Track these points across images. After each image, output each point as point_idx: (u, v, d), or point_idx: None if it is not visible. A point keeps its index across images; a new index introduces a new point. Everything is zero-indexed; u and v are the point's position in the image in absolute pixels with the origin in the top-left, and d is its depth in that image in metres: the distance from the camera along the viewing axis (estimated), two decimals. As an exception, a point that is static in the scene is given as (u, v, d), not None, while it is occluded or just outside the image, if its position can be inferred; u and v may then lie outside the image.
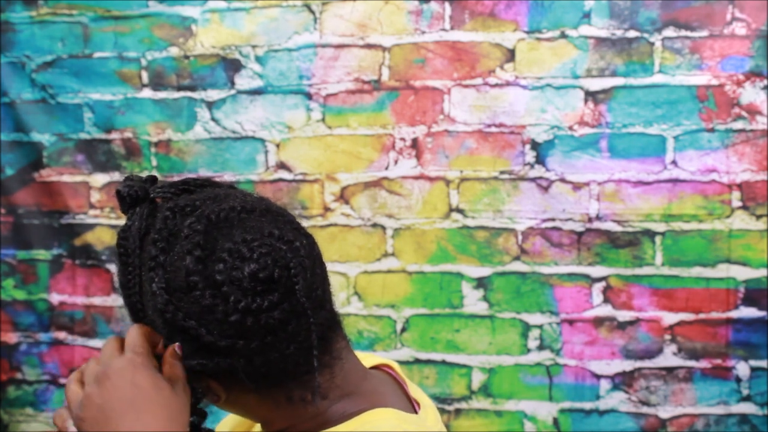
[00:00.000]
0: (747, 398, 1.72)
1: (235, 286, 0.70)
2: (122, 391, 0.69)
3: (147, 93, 1.85)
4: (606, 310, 1.75)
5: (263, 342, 0.71)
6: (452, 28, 1.74)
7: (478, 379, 1.80)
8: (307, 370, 0.74)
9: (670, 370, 1.74)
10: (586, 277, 1.75)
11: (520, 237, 1.76)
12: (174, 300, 0.70)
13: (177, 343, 0.71)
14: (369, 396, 0.79)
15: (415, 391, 0.88)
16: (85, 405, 0.70)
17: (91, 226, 1.90)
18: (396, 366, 0.90)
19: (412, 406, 0.85)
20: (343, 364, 0.79)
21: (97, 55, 1.86)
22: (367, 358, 0.88)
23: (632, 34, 1.69)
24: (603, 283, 1.74)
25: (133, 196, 0.76)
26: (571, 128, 1.73)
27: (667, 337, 1.73)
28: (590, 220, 1.73)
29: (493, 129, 1.75)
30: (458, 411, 1.81)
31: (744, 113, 1.68)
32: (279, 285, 0.71)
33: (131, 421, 0.67)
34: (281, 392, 0.76)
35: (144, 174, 0.80)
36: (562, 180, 1.74)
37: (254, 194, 0.79)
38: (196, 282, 0.70)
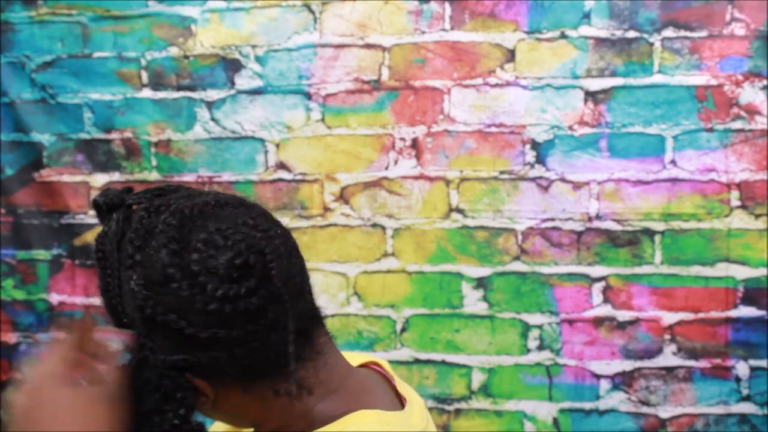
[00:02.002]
0: (747, 398, 1.72)
1: (211, 275, 0.70)
2: (41, 407, 0.69)
3: (147, 93, 1.85)
4: (606, 310, 1.75)
5: (244, 330, 0.71)
6: (452, 28, 1.74)
7: (478, 379, 1.80)
8: (289, 361, 0.75)
9: (669, 369, 1.74)
10: (586, 276, 1.75)
11: (520, 237, 1.76)
12: (153, 294, 0.71)
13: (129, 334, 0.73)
14: (354, 393, 0.80)
15: (402, 387, 0.88)
16: (16, 422, 0.71)
17: (90, 226, 1.90)
18: (385, 363, 0.91)
19: (400, 401, 0.85)
20: (327, 359, 0.79)
21: (96, 55, 1.86)
22: (355, 357, 0.89)
23: (632, 34, 1.70)
24: (603, 283, 1.75)
25: (109, 204, 0.77)
26: (571, 128, 1.73)
27: (667, 336, 1.74)
28: (590, 219, 1.74)
29: (493, 129, 1.75)
30: (458, 411, 1.81)
31: (743, 113, 1.68)
32: (255, 270, 0.71)
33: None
34: (267, 386, 0.76)
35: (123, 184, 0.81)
36: (562, 180, 1.74)
37: (230, 194, 0.80)
38: (173, 274, 0.70)
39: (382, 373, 0.89)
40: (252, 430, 0.84)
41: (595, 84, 1.71)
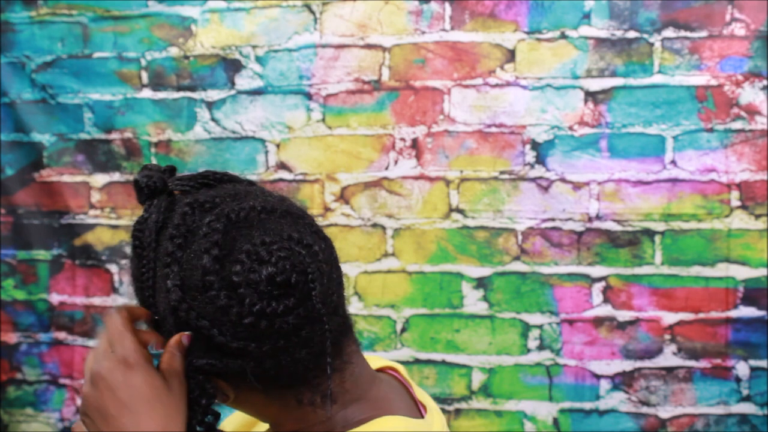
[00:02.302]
0: (747, 398, 1.72)
1: (251, 289, 0.68)
2: (117, 392, 0.68)
3: (147, 93, 1.85)
4: (606, 310, 1.75)
5: (275, 346, 0.70)
6: (452, 29, 1.74)
7: (478, 379, 1.80)
8: (317, 374, 0.74)
9: (669, 370, 1.74)
10: (586, 277, 1.75)
11: (520, 237, 1.76)
12: (188, 298, 0.69)
13: (186, 333, 0.70)
14: (377, 402, 0.79)
15: (420, 394, 0.88)
16: (86, 405, 0.69)
17: (91, 227, 1.90)
18: (402, 369, 0.89)
19: (418, 409, 0.85)
20: (353, 369, 0.78)
21: (96, 55, 1.86)
22: (374, 360, 0.87)
23: (632, 34, 1.70)
24: (603, 283, 1.75)
25: (151, 187, 0.74)
26: (571, 128, 1.73)
27: (667, 336, 1.74)
28: (590, 219, 1.74)
29: (493, 129, 1.75)
30: (458, 411, 1.81)
31: (743, 113, 1.68)
32: (296, 290, 0.70)
33: (128, 423, 0.67)
34: (291, 395, 0.75)
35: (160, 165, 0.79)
36: (562, 180, 1.74)
37: (275, 193, 0.78)
38: (212, 282, 0.69)
39: (400, 380, 0.88)
40: (268, 426, 0.84)
41: (595, 84, 1.71)
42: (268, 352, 0.70)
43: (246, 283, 0.68)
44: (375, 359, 0.89)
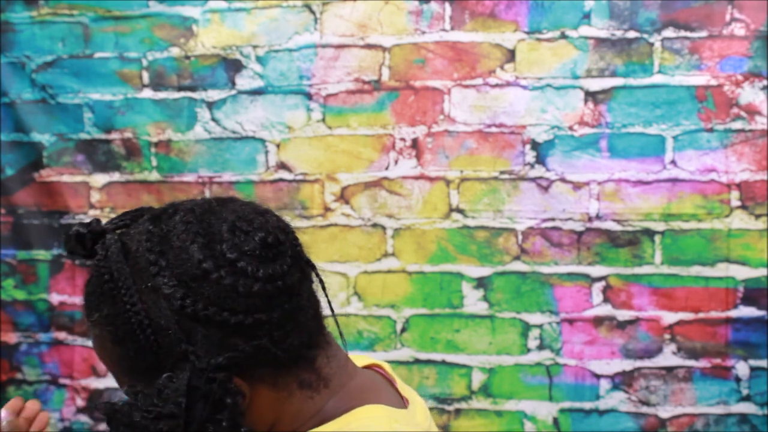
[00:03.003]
0: (747, 398, 1.72)
1: (249, 258, 0.71)
2: None
3: (147, 93, 1.85)
4: (606, 310, 1.75)
5: (282, 311, 0.73)
6: (452, 29, 1.75)
7: (478, 379, 1.80)
8: (311, 348, 0.77)
9: (669, 369, 1.74)
10: (586, 276, 1.75)
11: (520, 237, 1.76)
12: (190, 292, 0.70)
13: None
14: (361, 392, 0.80)
15: (404, 388, 0.89)
16: None
17: (91, 227, 1.90)
18: (386, 365, 0.91)
19: (402, 401, 0.86)
20: (334, 350, 0.81)
21: (97, 55, 1.86)
22: (357, 359, 0.89)
23: (632, 34, 1.70)
24: (603, 283, 1.75)
25: (94, 232, 0.76)
26: (571, 128, 1.73)
27: (667, 336, 1.74)
28: (590, 219, 1.74)
29: (494, 129, 1.75)
30: (458, 411, 1.81)
31: (743, 113, 1.68)
32: (286, 246, 0.74)
33: None
34: (294, 379, 0.76)
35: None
36: (562, 180, 1.74)
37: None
38: (210, 266, 0.70)
39: (384, 376, 0.89)
40: None
41: (595, 84, 1.71)
42: (278, 320, 0.73)
43: (242, 254, 0.71)
44: (360, 357, 0.90)
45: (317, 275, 0.80)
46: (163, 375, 0.71)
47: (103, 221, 0.79)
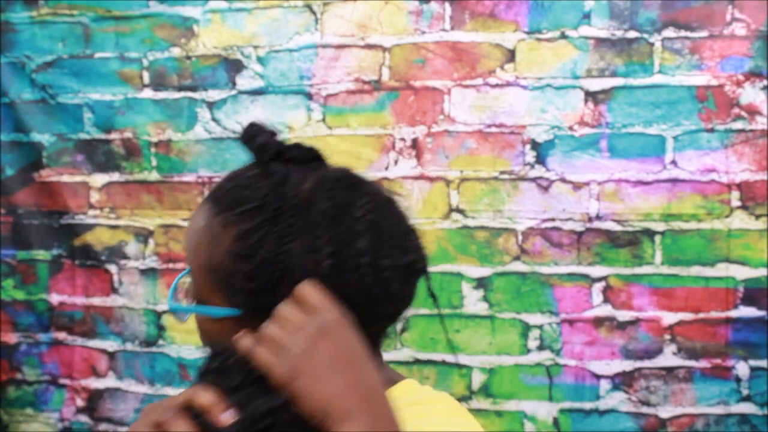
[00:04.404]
0: (747, 398, 1.72)
1: (395, 273, 0.75)
2: (351, 342, 0.67)
3: (147, 93, 1.85)
4: (606, 310, 1.75)
5: (384, 326, 0.82)
6: (452, 29, 1.75)
7: (478, 379, 1.80)
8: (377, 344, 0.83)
9: (669, 370, 1.74)
10: (586, 277, 1.75)
11: (520, 237, 1.76)
12: (336, 271, 0.73)
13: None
14: (389, 380, 0.85)
15: None
16: (306, 360, 0.64)
17: (90, 227, 1.90)
18: None
19: None
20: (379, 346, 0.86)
21: (98, 55, 1.86)
22: None
23: (632, 34, 1.70)
24: (603, 283, 1.75)
25: (276, 150, 0.78)
26: (571, 128, 1.73)
27: (667, 336, 1.74)
28: (590, 219, 1.74)
29: (493, 129, 1.75)
30: (458, 411, 1.81)
31: (743, 113, 1.68)
32: (421, 274, 0.80)
33: (361, 373, 0.65)
34: (376, 337, 0.82)
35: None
36: (562, 180, 1.74)
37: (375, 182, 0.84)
38: (365, 263, 0.74)
39: None
40: None
41: (596, 84, 1.71)
42: (376, 331, 0.80)
43: (392, 267, 0.75)
44: None
45: (438, 311, 0.86)
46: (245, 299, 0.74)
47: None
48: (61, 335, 1.93)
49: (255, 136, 0.79)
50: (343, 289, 0.71)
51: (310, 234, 0.73)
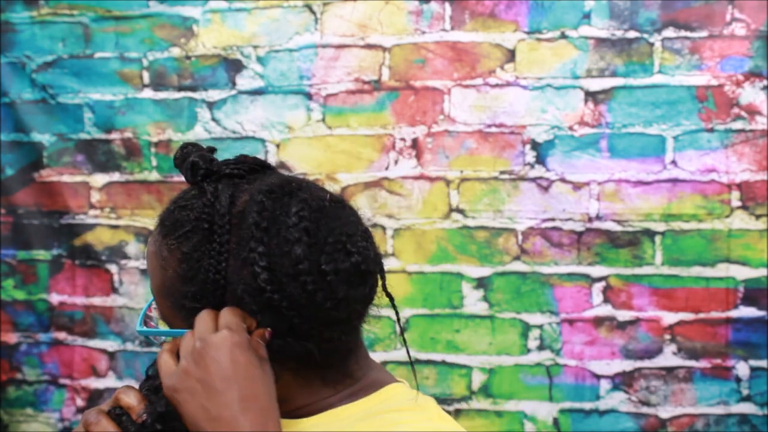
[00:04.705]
0: (747, 398, 1.72)
1: (338, 277, 0.74)
2: (222, 366, 0.69)
3: (148, 93, 1.85)
4: (606, 310, 1.75)
5: (342, 331, 0.77)
6: (452, 29, 1.75)
7: (478, 379, 1.80)
8: (348, 355, 0.81)
9: (670, 370, 1.74)
10: (586, 276, 1.75)
11: (520, 237, 1.76)
12: (276, 282, 0.72)
13: (268, 329, 0.74)
14: (382, 372, 0.85)
15: None
16: (182, 378, 0.70)
17: (91, 227, 1.90)
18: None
19: None
20: (363, 352, 0.85)
21: (98, 55, 1.86)
22: None
23: (632, 34, 1.70)
24: (603, 283, 1.75)
25: (208, 171, 0.78)
26: (571, 128, 1.73)
27: (667, 336, 1.74)
28: (590, 219, 1.74)
29: (494, 129, 1.75)
30: (458, 411, 1.81)
31: (743, 113, 1.68)
32: (371, 277, 0.78)
33: (233, 396, 0.69)
34: (318, 375, 0.79)
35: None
36: (562, 180, 1.74)
37: (315, 183, 0.83)
38: (303, 270, 0.73)
39: None
40: None
41: (596, 84, 1.71)
42: (336, 334, 0.76)
43: (334, 271, 0.74)
44: None
45: (395, 310, 0.84)
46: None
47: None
48: (61, 335, 1.93)
49: (186, 158, 0.80)
50: (287, 298, 0.72)
51: (244, 248, 0.74)
